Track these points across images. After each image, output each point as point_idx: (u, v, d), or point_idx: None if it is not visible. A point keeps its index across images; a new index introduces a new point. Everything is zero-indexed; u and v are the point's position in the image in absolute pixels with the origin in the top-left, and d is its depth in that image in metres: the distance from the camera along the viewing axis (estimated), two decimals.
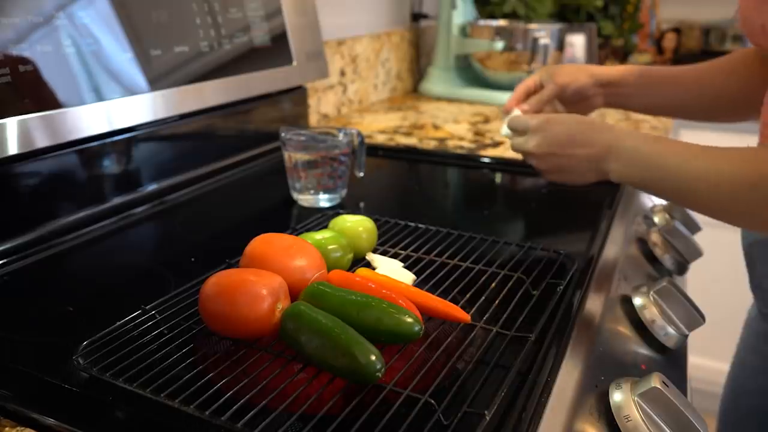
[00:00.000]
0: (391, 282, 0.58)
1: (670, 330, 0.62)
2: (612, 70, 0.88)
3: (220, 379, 0.46)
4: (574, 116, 0.72)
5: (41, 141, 0.72)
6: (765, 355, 0.86)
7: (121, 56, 0.81)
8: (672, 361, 0.63)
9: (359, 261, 0.67)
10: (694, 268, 0.87)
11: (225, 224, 0.86)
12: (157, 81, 0.86)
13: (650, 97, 0.88)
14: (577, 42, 2.02)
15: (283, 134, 0.87)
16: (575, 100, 0.88)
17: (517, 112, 0.85)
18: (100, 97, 0.78)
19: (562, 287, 0.62)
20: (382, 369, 0.45)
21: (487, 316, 0.56)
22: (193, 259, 0.72)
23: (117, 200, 0.84)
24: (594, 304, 0.62)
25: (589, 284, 0.65)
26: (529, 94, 0.89)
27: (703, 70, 0.85)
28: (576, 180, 0.72)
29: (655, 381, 0.47)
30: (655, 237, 0.81)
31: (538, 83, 0.89)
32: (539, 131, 0.71)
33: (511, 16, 1.82)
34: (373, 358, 0.45)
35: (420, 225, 0.75)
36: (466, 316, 0.55)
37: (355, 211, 0.82)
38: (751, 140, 0.85)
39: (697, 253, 0.81)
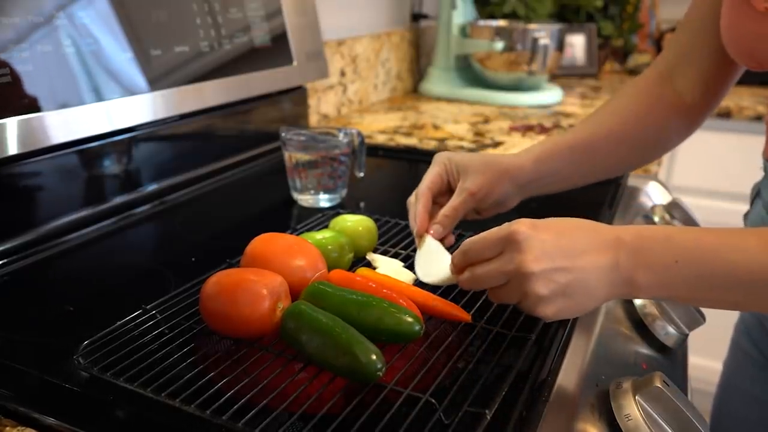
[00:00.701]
0: (392, 281, 0.58)
1: (671, 329, 0.62)
2: (526, 165, 0.69)
3: (221, 379, 0.46)
4: (555, 219, 0.51)
5: (41, 141, 0.72)
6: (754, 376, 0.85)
7: (121, 56, 0.81)
8: (672, 360, 0.63)
9: (360, 261, 0.67)
10: None
11: (225, 224, 0.86)
12: (157, 81, 0.86)
13: (568, 179, 0.74)
14: (577, 42, 2.03)
15: (283, 134, 0.87)
16: (490, 208, 0.70)
17: (429, 239, 0.64)
18: (100, 97, 0.78)
19: None
20: (383, 368, 0.45)
21: (487, 315, 0.56)
22: (193, 259, 0.72)
23: (117, 200, 0.84)
24: None
25: None
26: (434, 196, 0.68)
27: (621, 126, 0.73)
28: (583, 305, 0.48)
29: (656, 380, 0.47)
30: None
31: (443, 182, 0.68)
32: (528, 240, 0.47)
33: (511, 16, 1.83)
34: (374, 357, 0.45)
35: None
36: (466, 316, 0.55)
37: (355, 211, 0.82)
38: (749, 139, 0.85)
39: None
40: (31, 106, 0.70)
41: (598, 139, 0.72)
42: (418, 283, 0.61)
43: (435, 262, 0.62)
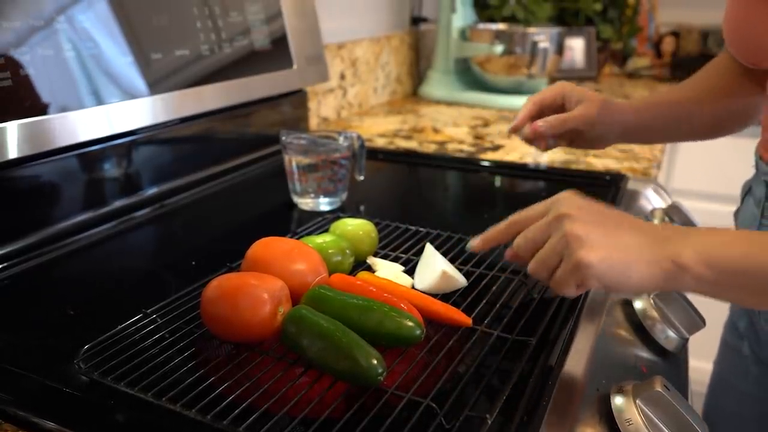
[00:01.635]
0: (392, 285, 0.58)
1: (671, 333, 0.62)
2: (641, 115, 0.78)
3: (222, 383, 0.46)
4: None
5: (42, 145, 0.72)
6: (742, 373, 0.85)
7: (122, 60, 0.81)
8: (673, 364, 0.63)
9: (360, 265, 0.67)
10: None
11: (225, 227, 0.86)
12: (157, 84, 0.86)
13: (664, 133, 0.83)
14: (576, 45, 2.03)
15: (283, 138, 0.87)
16: (587, 140, 0.78)
17: (427, 246, 0.65)
18: (100, 100, 0.78)
19: None
20: (384, 373, 0.45)
21: (488, 319, 0.56)
22: (193, 263, 0.72)
23: (117, 203, 0.84)
24: (594, 307, 0.62)
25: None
26: (542, 111, 0.76)
27: (699, 95, 0.80)
28: (631, 268, 0.46)
29: (657, 384, 0.47)
30: None
31: (557, 101, 0.76)
32: (572, 198, 0.50)
33: (511, 19, 1.83)
34: (375, 361, 0.45)
35: (420, 228, 0.75)
36: (467, 320, 0.55)
37: (355, 214, 0.82)
38: (748, 142, 0.85)
39: None
40: (32, 109, 0.70)
41: (685, 102, 0.80)
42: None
43: (428, 267, 0.62)
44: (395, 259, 0.69)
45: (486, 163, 1.12)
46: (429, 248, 0.65)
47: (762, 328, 0.77)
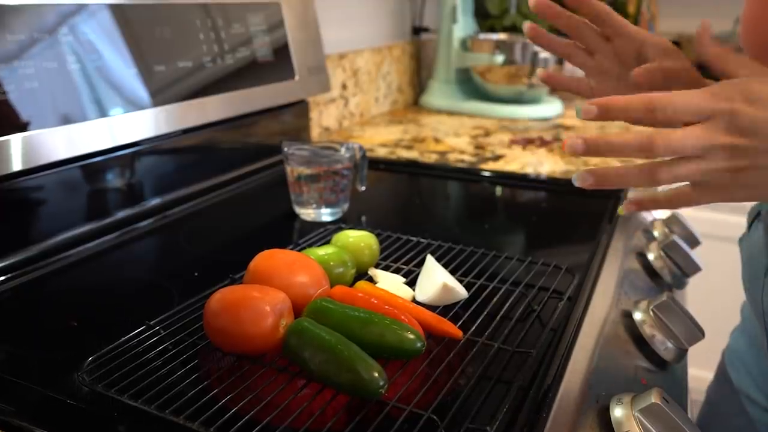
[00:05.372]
0: (394, 298, 0.58)
1: (670, 344, 0.62)
2: None
3: (225, 395, 0.47)
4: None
5: (45, 157, 0.72)
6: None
7: (125, 72, 0.82)
8: (672, 375, 0.63)
9: (361, 276, 0.68)
10: (694, 282, 0.88)
11: (228, 238, 0.87)
12: (160, 96, 0.86)
13: None
14: None
15: (285, 149, 0.88)
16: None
17: (428, 258, 0.65)
18: (103, 113, 0.78)
19: (562, 303, 0.62)
20: (385, 385, 0.45)
21: (488, 331, 0.56)
22: (196, 274, 0.72)
23: (120, 214, 0.85)
24: (594, 318, 0.63)
25: (590, 299, 0.65)
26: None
27: None
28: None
29: (655, 396, 0.47)
30: (654, 251, 0.82)
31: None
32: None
33: (512, 29, 1.84)
34: (376, 374, 0.45)
35: (422, 240, 0.76)
36: (457, 332, 0.55)
37: (356, 225, 0.82)
38: None
39: (696, 268, 0.82)
40: (36, 122, 0.71)
41: None
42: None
43: (428, 279, 0.63)
44: (396, 271, 0.69)
45: (487, 174, 1.13)
46: (430, 260, 0.65)
47: None
